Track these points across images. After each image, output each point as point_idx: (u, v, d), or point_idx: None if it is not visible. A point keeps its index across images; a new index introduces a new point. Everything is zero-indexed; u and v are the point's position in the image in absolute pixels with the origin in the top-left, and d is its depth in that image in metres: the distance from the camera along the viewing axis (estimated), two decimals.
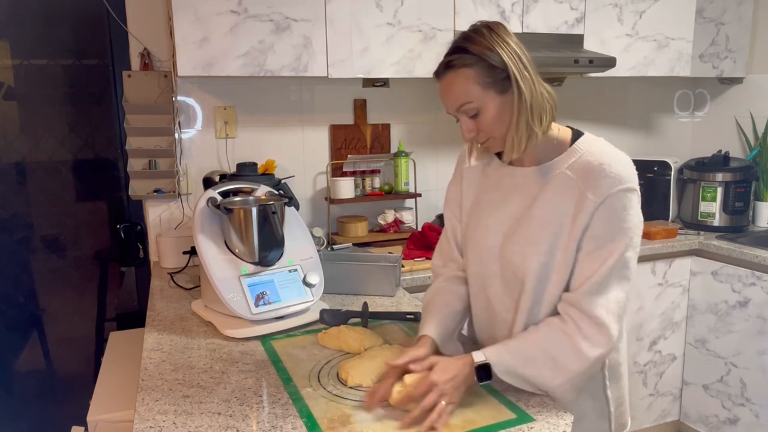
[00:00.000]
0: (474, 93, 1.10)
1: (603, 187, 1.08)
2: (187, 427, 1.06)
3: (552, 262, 1.14)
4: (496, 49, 1.08)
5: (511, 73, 1.08)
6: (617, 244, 1.09)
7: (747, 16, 2.78)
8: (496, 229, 1.22)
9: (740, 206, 2.67)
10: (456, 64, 1.10)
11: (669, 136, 3.15)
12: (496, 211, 1.23)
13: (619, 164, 1.11)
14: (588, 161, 1.12)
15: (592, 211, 1.09)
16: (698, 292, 2.60)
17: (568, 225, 1.12)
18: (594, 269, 1.09)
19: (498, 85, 1.09)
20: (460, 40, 1.12)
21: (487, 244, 1.23)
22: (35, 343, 2.42)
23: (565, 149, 1.16)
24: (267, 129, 2.40)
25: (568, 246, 1.12)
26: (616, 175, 1.09)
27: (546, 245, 1.14)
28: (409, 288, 2.00)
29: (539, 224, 1.15)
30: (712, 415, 2.61)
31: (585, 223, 1.10)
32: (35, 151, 2.32)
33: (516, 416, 1.08)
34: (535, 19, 2.32)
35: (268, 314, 1.53)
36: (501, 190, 1.24)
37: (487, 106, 1.10)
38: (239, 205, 1.59)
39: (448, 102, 1.14)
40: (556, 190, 1.14)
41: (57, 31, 2.26)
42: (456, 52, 1.11)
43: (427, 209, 2.65)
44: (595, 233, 1.10)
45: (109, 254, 2.45)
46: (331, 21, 2.06)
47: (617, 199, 1.08)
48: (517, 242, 1.17)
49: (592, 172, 1.10)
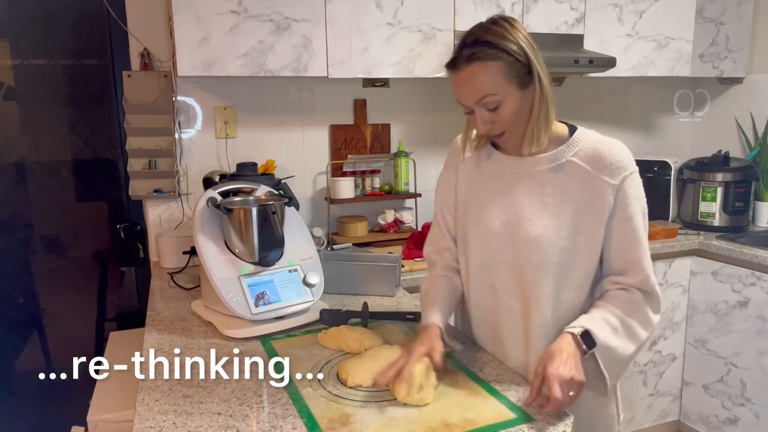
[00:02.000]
0: (498, 86, 1.11)
1: (617, 170, 1.16)
2: (187, 427, 1.05)
3: (573, 247, 1.18)
4: (520, 44, 1.11)
5: (533, 67, 1.11)
6: (642, 223, 1.19)
7: (747, 16, 2.78)
8: (503, 217, 1.23)
9: (740, 206, 2.67)
10: (481, 56, 1.10)
11: (669, 136, 3.15)
12: (502, 200, 1.24)
13: (622, 150, 1.19)
14: (595, 148, 1.18)
15: (612, 194, 1.15)
16: (698, 292, 2.60)
17: (585, 209, 1.17)
18: (638, 250, 1.18)
19: (520, 80, 1.12)
20: (480, 32, 1.13)
21: (495, 232, 1.24)
22: (35, 343, 2.42)
23: (564, 140, 1.21)
24: (267, 129, 2.40)
25: (593, 229, 1.17)
26: (625, 160, 1.17)
27: (565, 230, 1.17)
28: (409, 288, 2.00)
29: (555, 210, 1.18)
30: (712, 415, 2.61)
31: (607, 207, 1.16)
32: (35, 151, 2.32)
33: (516, 416, 1.08)
34: (535, 19, 2.32)
35: (268, 314, 1.53)
36: (504, 180, 1.25)
37: (508, 99, 1.13)
38: (239, 205, 1.59)
39: (467, 94, 1.14)
40: (566, 177, 1.18)
41: (57, 31, 2.26)
42: (478, 44, 1.11)
43: (427, 209, 2.64)
44: (626, 215, 1.17)
45: (109, 254, 2.45)
46: (331, 21, 2.06)
47: (632, 181, 1.17)
48: (532, 229, 1.19)
49: (602, 158, 1.17)
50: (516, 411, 1.10)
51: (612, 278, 1.20)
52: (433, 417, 1.07)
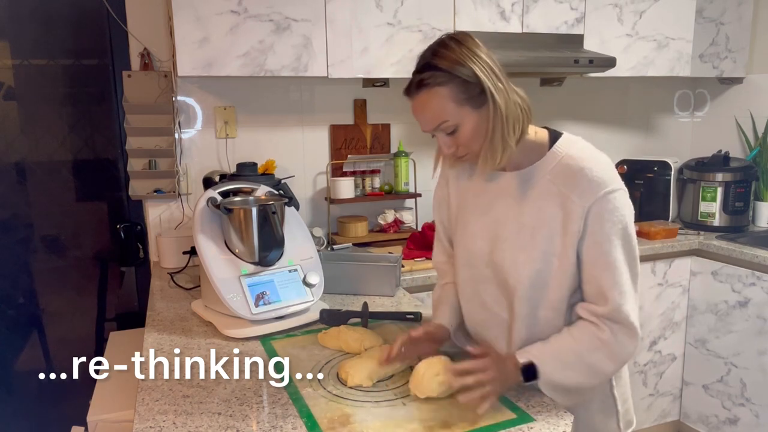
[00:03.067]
0: (450, 111, 1.08)
1: (587, 191, 1.08)
2: (187, 427, 1.05)
3: (548, 269, 1.14)
4: (468, 64, 1.05)
5: (485, 87, 1.06)
6: (621, 245, 1.09)
7: (747, 16, 2.78)
8: (483, 235, 1.22)
9: (740, 206, 2.67)
10: (429, 82, 1.07)
11: (669, 136, 3.15)
12: (482, 217, 1.23)
13: (598, 167, 1.10)
14: (568, 165, 1.12)
15: (582, 216, 1.09)
16: (698, 292, 2.60)
17: (558, 230, 1.12)
18: (609, 277, 1.09)
19: (473, 101, 1.07)
20: (428, 56, 1.09)
21: (476, 250, 1.24)
22: (35, 343, 2.42)
23: (544, 152, 1.16)
24: (267, 129, 2.40)
25: (565, 252, 1.12)
26: (599, 179, 1.09)
27: (538, 251, 1.13)
28: (409, 288, 2.00)
29: (528, 231, 1.14)
30: (712, 415, 2.61)
31: (578, 229, 1.09)
32: (35, 151, 2.32)
33: (516, 416, 1.08)
34: (535, 19, 2.32)
35: (268, 314, 1.53)
36: (486, 196, 1.23)
37: (464, 122, 1.09)
38: (239, 205, 1.59)
39: (424, 121, 1.12)
40: (540, 196, 1.14)
41: (57, 31, 2.26)
42: (426, 69, 1.07)
43: (427, 209, 2.64)
44: (596, 239, 1.09)
45: (109, 254, 2.45)
46: (331, 21, 2.06)
47: (605, 202, 1.08)
48: (507, 249, 1.17)
49: (573, 177, 1.10)
50: (516, 411, 1.10)
51: (584, 305, 1.14)
52: (433, 417, 1.07)
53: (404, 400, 1.14)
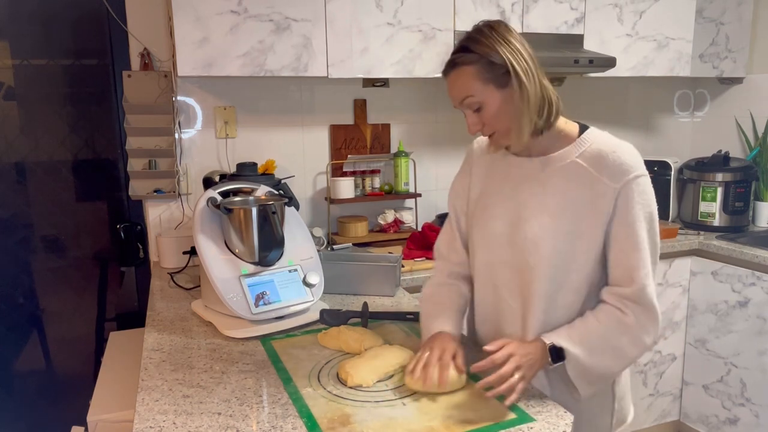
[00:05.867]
0: (474, 87, 1.15)
1: (619, 173, 1.15)
2: (187, 427, 1.06)
3: (572, 250, 1.17)
4: (496, 47, 1.13)
5: (510, 68, 1.12)
6: (647, 229, 1.15)
7: (747, 16, 2.78)
8: (504, 217, 1.25)
9: (740, 206, 2.67)
10: (459, 62, 1.16)
11: (669, 136, 3.15)
12: (505, 201, 1.26)
13: (628, 153, 1.18)
14: (600, 149, 1.18)
15: (613, 197, 1.14)
16: (698, 292, 2.60)
17: (586, 211, 1.16)
18: (637, 258, 1.14)
19: (498, 80, 1.14)
20: (463, 39, 1.18)
21: (495, 231, 1.26)
22: (35, 343, 2.42)
23: (572, 141, 1.22)
24: (267, 129, 2.40)
25: (593, 233, 1.16)
26: (630, 163, 1.16)
27: (563, 233, 1.17)
28: (409, 288, 2.00)
29: (553, 212, 1.18)
30: (712, 415, 2.61)
31: (608, 210, 1.15)
32: (35, 151, 2.32)
33: (516, 416, 1.08)
34: (535, 19, 2.32)
35: (268, 314, 1.53)
36: (510, 181, 1.26)
37: (489, 100, 1.15)
38: (239, 205, 1.59)
39: (453, 97, 1.20)
40: (567, 178, 1.18)
41: (57, 31, 2.26)
42: (460, 51, 1.17)
43: (427, 209, 2.65)
44: (626, 220, 1.14)
45: (109, 254, 2.45)
46: (331, 21, 2.06)
47: (636, 185, 1.15)
48: (529, 229, 1.20)
49: (605, 159, 1.16)
50: (516, 411, 1.10)
51: (610, 288, 1.18)
52: (433, 417, 1.08)
53: (404, 400, 1.14)
